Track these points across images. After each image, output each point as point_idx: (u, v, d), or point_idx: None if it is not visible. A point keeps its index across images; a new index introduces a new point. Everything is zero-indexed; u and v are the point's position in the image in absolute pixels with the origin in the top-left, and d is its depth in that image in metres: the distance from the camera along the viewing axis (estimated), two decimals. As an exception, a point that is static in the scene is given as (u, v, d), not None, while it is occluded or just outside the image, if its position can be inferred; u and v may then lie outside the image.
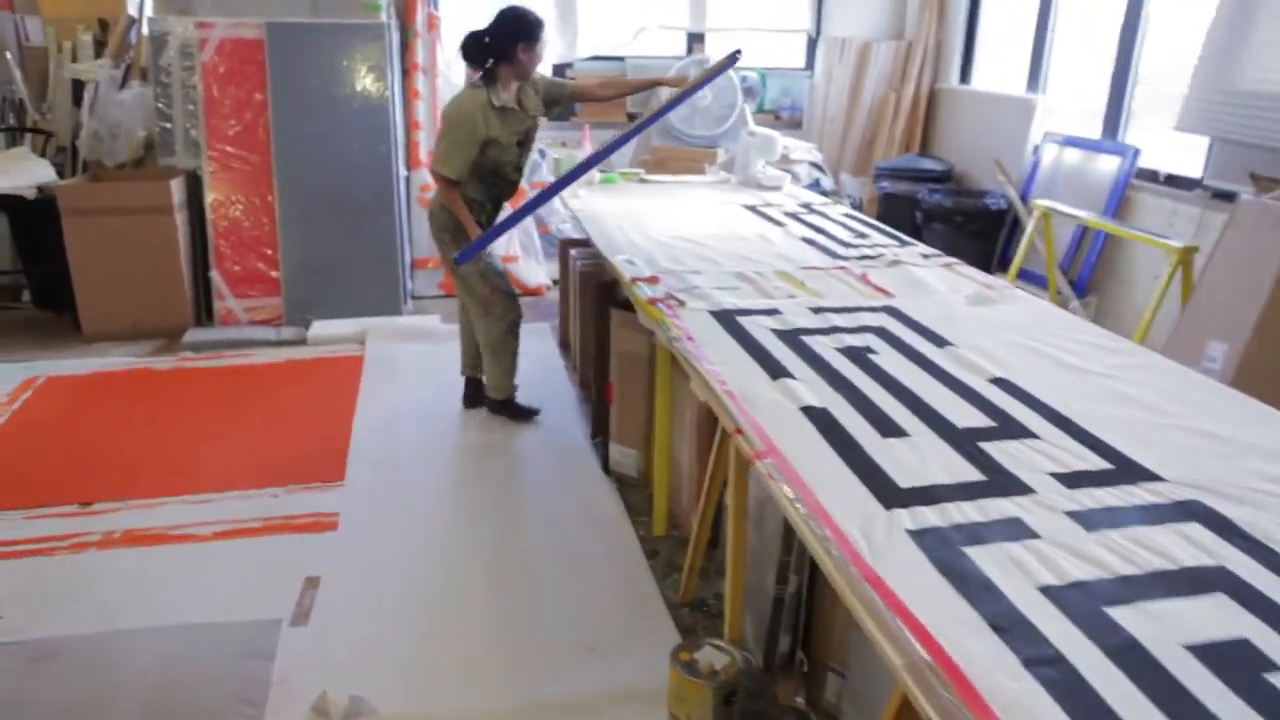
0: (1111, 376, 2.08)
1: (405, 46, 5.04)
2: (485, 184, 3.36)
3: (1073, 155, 4.99)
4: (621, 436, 3.12)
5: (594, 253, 3.71)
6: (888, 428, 1.78)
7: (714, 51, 6.23)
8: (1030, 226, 4.49)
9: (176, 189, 4.32)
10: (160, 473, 3.10)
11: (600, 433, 3.40)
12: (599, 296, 3.21)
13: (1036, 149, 5.26)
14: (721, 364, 2.05)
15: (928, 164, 5.75)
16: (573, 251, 4.06)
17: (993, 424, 1.81)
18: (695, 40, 6.29)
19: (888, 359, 2.14)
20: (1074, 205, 4.52)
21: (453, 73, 5.47)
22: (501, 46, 3.18)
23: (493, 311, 3.44)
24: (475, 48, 3.20)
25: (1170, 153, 4.55)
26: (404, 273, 4.82)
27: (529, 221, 5.39)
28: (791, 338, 2.26)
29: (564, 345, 4.39)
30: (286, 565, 2.60)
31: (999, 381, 2.02)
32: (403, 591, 2.52)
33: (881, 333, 2.33)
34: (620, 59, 6.11)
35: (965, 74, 6.08)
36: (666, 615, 2.45)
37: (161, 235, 4.31)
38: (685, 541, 2.80)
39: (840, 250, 3.21)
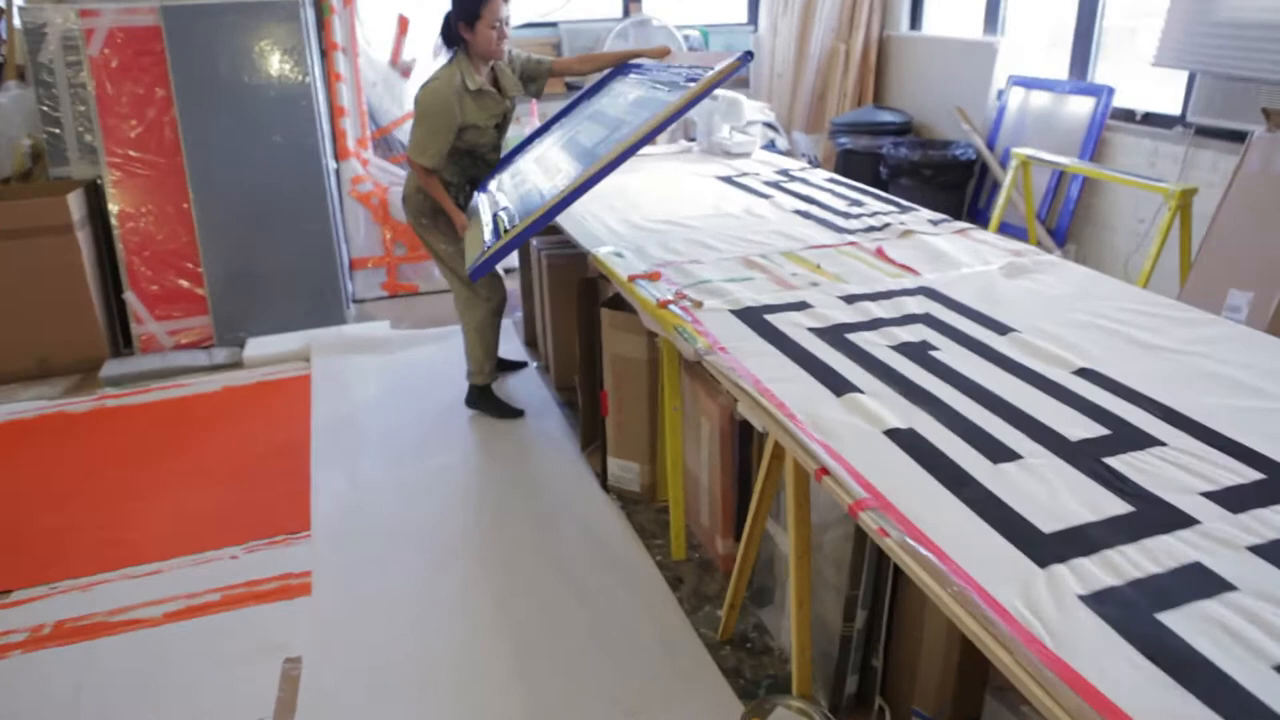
0: (1195, 353, 1.85)
1: (321, 25, 4.55)
2: (460, 166, 3.17)
3: (1041, 99, 4.78)
4: (621, 449, 2.80)
5: (561, 240, 3.37)
6: (993, 449, 1.49)
7: (651, 10, 5.85)
8: (1009, 176, 4.27)
9: (75, 203, 3.80)
10: (91, 543, 2.67)
11: (592, 443, 3.08)
12: (583, 295, 2.87)
13: (1001, 94, 5.05)
14: (772, 380, 1.75)
15: (886, 116, 5.50)
16: (534, 241, 3.68)
17: (1106, 431, 1.54)
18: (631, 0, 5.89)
19: (952, 355, 1.86)
20: (1046, 150, 4.32)
21: (374, 50, 5.00)
22: (452, 27, 2.99)
23: (478, 294, 3.26)
24: (444, 28, 3.03)
25: (1143, 90, 4.38)
26: (344, 275, 4.38)
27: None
28: (836, 337, 1.96)
29: (531, 344, 4.03)
30: (258, 646, 2.22)
31: (1085, 373, 1.77)
32: (401, 664, 2.18)
33: (930, 321, 2.05)
34: (553, 24, 5.69)
35: (915, 20, 5.83)
36: (709, 660, 2.16)
37: (62, 257, 3.79)
38: (708, 565, 2.51)
39: (841, 223, 2.92)
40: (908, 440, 1.52)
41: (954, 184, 5.00)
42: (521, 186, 3.18)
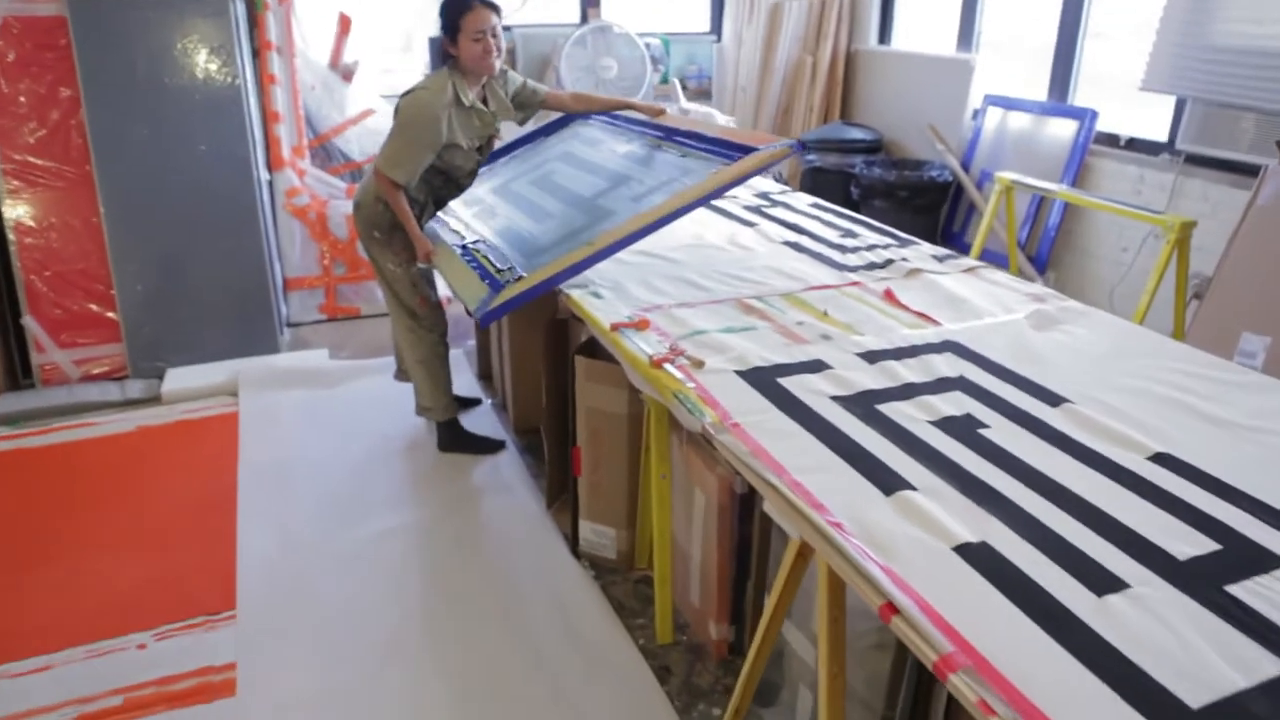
0: (1273, 430, 1.61)
1: (254, 22, 4.13)
2: (430, 185, 2.85)
3: (1019, 120, 4.60)
4: (595, 513, 2.48)
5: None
6: (1091, 574, 1.22)
7: (610, 14, 5.54)
8: (991, 201, 4.07)
9: (-37, 216, 3.33)
10: (-36, 630, 2.26)
11: (559, 498, 2.76)
12: (552, 339, 2.55)
13: (976, 114, 4.86)
14: (803, 470, 1.45)
15: (856, 133, 5.27)
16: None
17: (1216, 546, 1.28)
18: (590, 4, 5.57)
19: (1005, 435, 1.59)
20: (1024, 173, 4.13)
21: (312, 51, 4.60)
22: (441, 42, 2.70)
23: (423, 323, 2.97)
24: (435, 44, 2.70)
25: (1124, 114, 4.22)
26: (277, 297, 3.97)
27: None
28: (866, 409, 1.68)
29: (485, 378, 3.68)
30: (171, 767, 1.85)
31: (1163, 460, 1.51)
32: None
33: (967, 388, 1.78)
34: (507, 29, 5.33)
35: (885, 34, 5.62)
36: (711, 777, 1.85)
37: (-51, 277, 3.32)
38: (699, 651, 2.21)
39: (838, 257, 2.66)
40: (985, 561, 1.24)
41: (929, 206, 4.80)
42: (492, 220, 2.89)
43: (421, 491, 2.87)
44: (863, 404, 1.70)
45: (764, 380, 1.80)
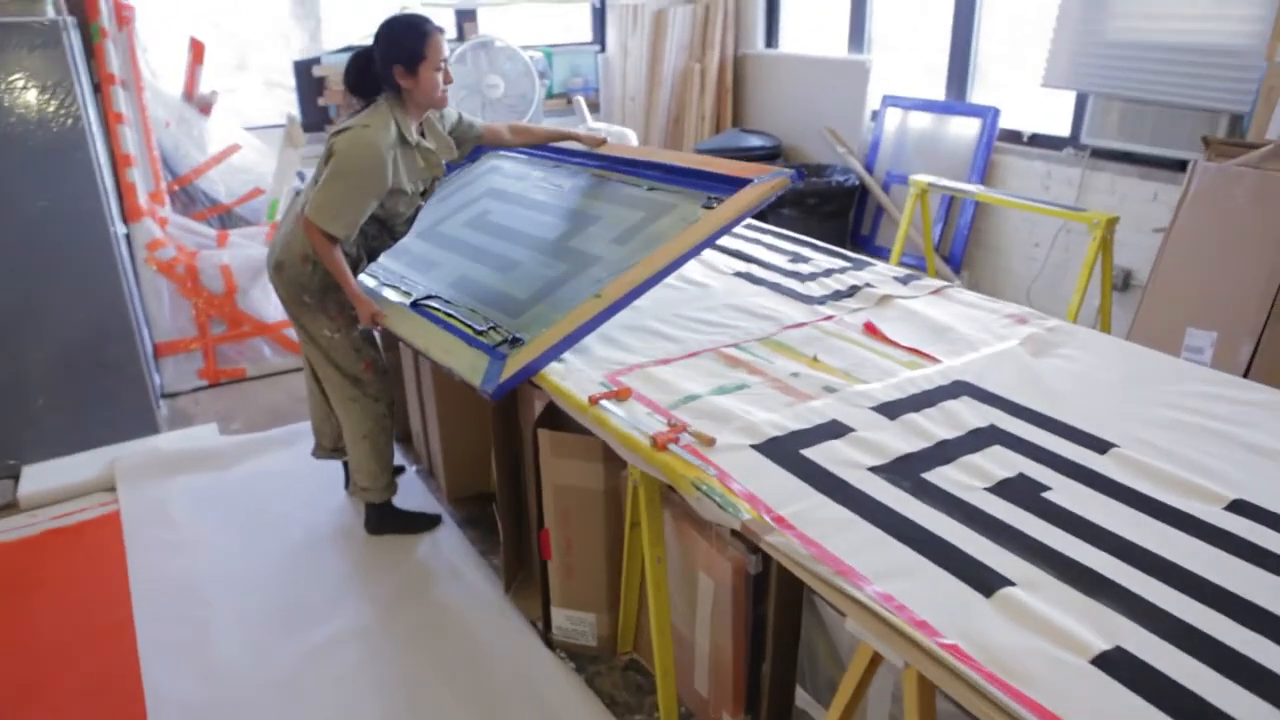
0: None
1: (92, 53, 3.60)
2: (365, 235, 2.48)
3: (920, 120, 4.59)
4: (569, 599, 2.20)
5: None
6: (1250, 676, 1.06)
7: (490, 30, 5.22)
8: (908, 205, 4.01)
9: None
10: None
11: (514, 581, 2.46)
12: (498, 406, 2.25)
13: (876, 115, 4.82)
14: (883, 576, 1.24)
15: (753, 140, 5.16)
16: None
17: (1356, 618, 1.15)
18: (465, 18, 5.23)
19: (1072, 498, 1.44)
20: (929, 173, 4.11)
21: (162, 82, 4.09)
22: (373, 72, 2.35)
23: (368, 392, 2.59)
24: (356, 73, 2.39)
25: (1023, 110, 4.26)
26: (148, 367, 3.47)
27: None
28: (913, 480, 1.49)
29: (405, 440, 3.31)
30: None
31: (1240, 509, 1.39)
32: None
33: (1005, 439, 1.62)
34: (378, 47, 4.92)
35: (771, 37, 5.54)
36: None
37: None
38: (714, 744, 1.97)
39: (799, 288, 2.49)
40: (1134, 676, 1.06)
41: (837, 212, 4.73)
42: (434, 270, 2.57)
43: (358, 587, 2.50)
44: (906, 474, 1.51)
45: (786, 454, 1.58)
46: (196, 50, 4.21)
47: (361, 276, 2.58)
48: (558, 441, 2.02)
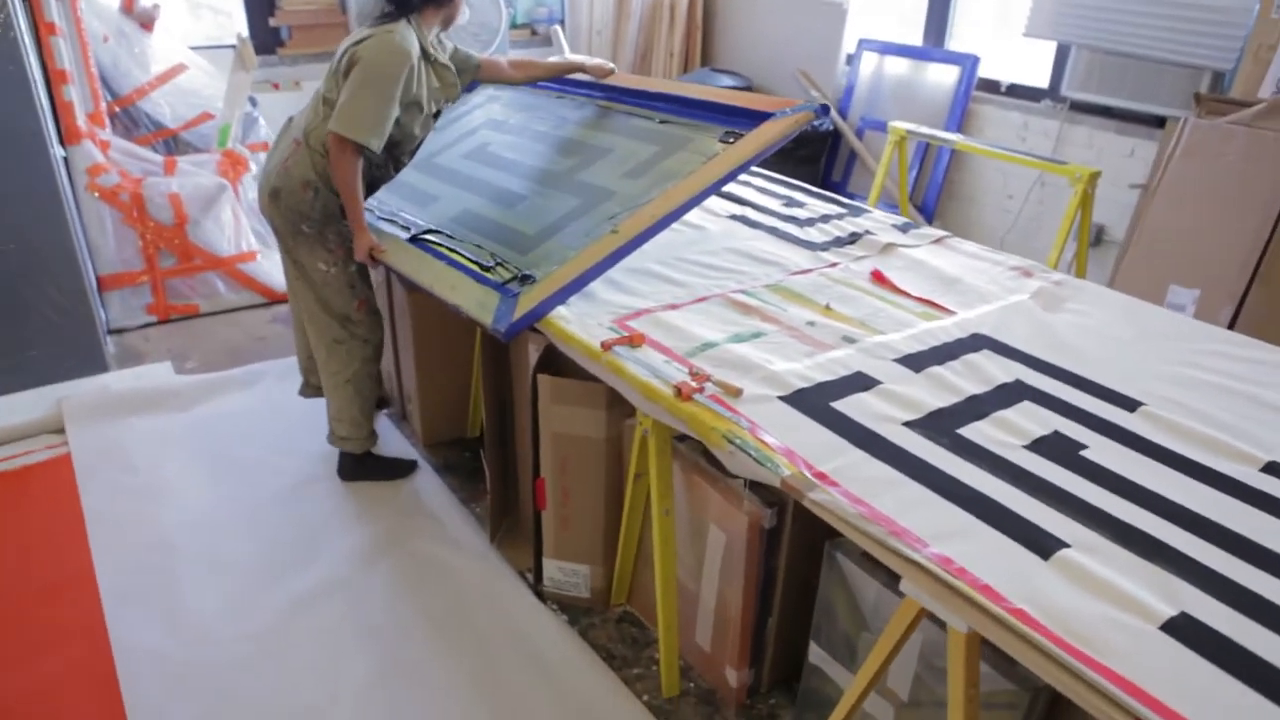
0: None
1: (19, -45, 3.29)
2: (368, 163, 2.29)
3: (897, 65, 4.51)
4: (563, 550, 2.14)
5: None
6: (1315, 640, 1.05)
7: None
8: (886, 151, 3.95)
9: None
10: None
11: (499, 531, 2.39)
12: (489, 348, 2.15)
13: (851, 59, 4.73)
14: (940, 539, 1.19)
15: (724, 80, 5.02)
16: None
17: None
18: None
19: (1111, 457, 1.41)
20: (904, 120, 4.04)
21: (98, -8, 3.78)
22: None
23: (356, 333, 2.43)
24: None
25: (999, 60, 4.21)
26: (95, 302, 3.25)
27: (253, 199, 3.93)
28: (950, 437, 1.45)
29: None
30: None
31: (1275, 470, 1.38)
32: None
33: (1033, 395, 1.59)
34: (334, -35, 4.63)
35: (744, -27, 5.36)
36: None
37: None
38: (710, 699, 1.95)
39: (798, 233, 2.42)
40: (1203, 642, 1.04)
41: (811, 157, 4.65)
42: (432, 204, 2.44)
43: (336, 537, 2.40)
44: (942, 429, 1.47)
45: (817, 407, 1.52)
46: (136, -43, 3.89)
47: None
48: (559, 388, 1.93)
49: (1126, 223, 3.69)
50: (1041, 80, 4.02)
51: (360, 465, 2.61)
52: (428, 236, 2.25)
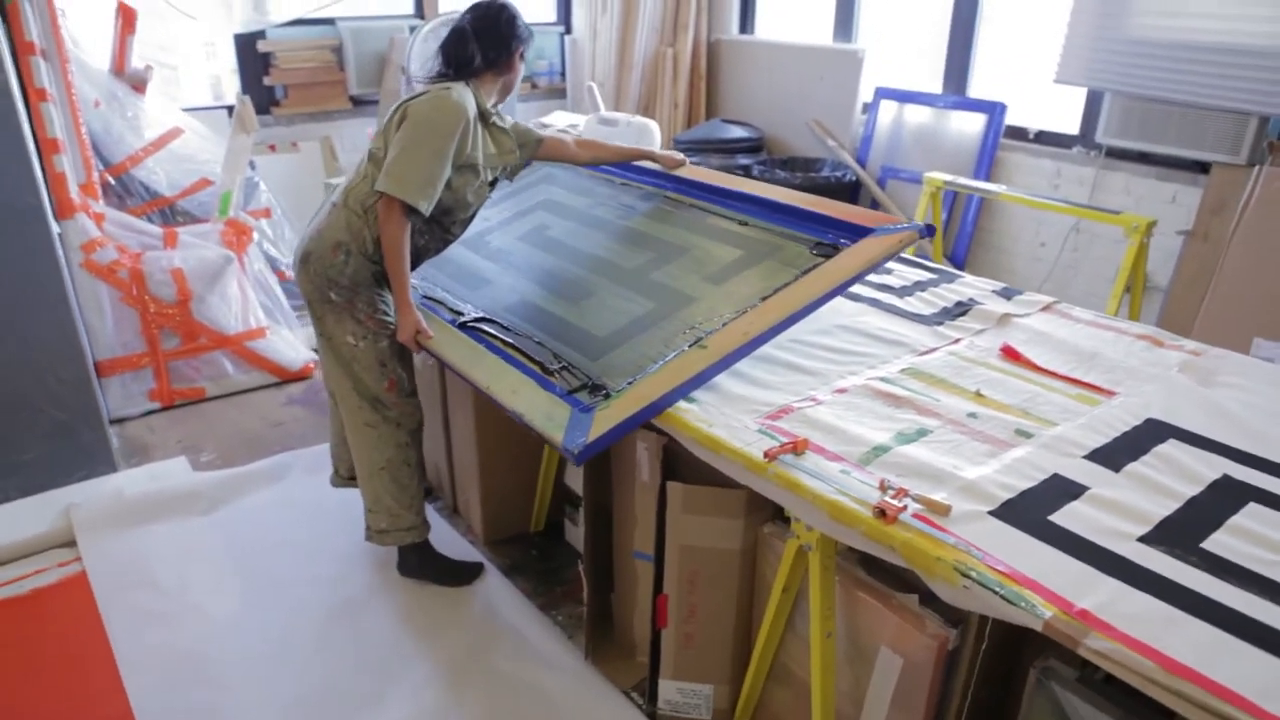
0: None
1: (5, 15, 3.03)
2: (414, 229, 2.08)
3: (918, 114, 4.43)
4: (684, 670, 1.91)
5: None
6: None
7: (449, 5, 4.77)
8: (921, 202, 3.84)
9: None
10: None
11: (595, 649, 2.15)
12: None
13: (868, 108, 4.64)
14: (1266, 697, 1.01)
15: (736, 131, 4.91)
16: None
17: None
18: (424, -8, 4.77)
19: (1386, 572, 1.24)
20: (929, 169, 3.94)
21: (88, 54, 3.52)
22: (496, 48, 2.07)
23: (389, 415, 2.18)
24: (461, 46, 2.07)
25: (1023, 107, 4.15)
26: (97, 391, 2.95)
27: (266, 276, 3.68)
28: (1199, 555, 1.28)
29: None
30: None
31: None
32: None
33: (1252, 494, 1.43)
34: (329, 22, 4.43)
35: (746, 23, 5.29)
36: None
37: None
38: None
39: (900, 304, 2.26)
40: None
41: (831, 208, 4.53)
42: (483, 286, 2.23)
43: (406, 661, 2.13)
44: (1183, 544, 1.29)
45: (1035, 524, 1.34)
46: (127, 18, 3.64)
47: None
48: (693, 496, 1.72)
49: (1167, 269, 3.62)
50: (1071, 127, 3.96)
51: (424, 562, 2.36)
52: (481, 325, 2.04)
